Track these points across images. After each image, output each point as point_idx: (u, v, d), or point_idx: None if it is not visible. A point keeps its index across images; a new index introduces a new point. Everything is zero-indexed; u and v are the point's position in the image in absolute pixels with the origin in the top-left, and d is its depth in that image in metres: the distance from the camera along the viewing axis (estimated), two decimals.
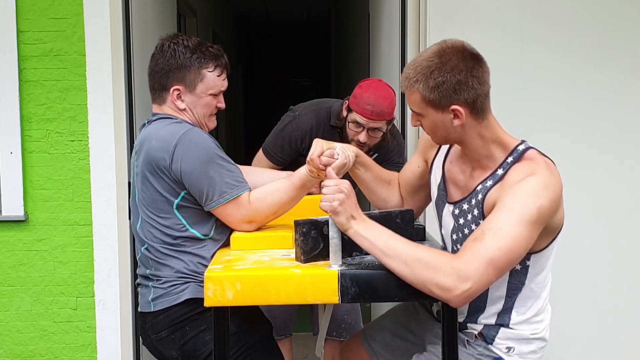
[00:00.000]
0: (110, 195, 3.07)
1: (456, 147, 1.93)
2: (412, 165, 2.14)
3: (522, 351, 1.86)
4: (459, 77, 1.71)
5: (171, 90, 2.09)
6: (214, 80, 2.11)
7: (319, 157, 1.95)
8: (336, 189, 1.71)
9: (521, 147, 1.79)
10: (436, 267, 1.63)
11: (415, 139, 3.14)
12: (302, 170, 2.03)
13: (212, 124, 2.18)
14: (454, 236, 1.88)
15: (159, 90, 2.12)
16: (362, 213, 1.75)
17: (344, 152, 1.98)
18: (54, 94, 3.06)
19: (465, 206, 1.84)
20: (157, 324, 2.03)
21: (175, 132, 2.00)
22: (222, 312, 1.74)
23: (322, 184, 1.79)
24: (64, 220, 3.10)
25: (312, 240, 1.78)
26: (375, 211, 1.92)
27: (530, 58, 3.04)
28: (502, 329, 1.86)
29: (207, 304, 1.71)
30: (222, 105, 2.17)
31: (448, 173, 1.94)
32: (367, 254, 1.79)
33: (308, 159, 1.97)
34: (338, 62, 9.30)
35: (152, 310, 2.05)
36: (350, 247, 1.78)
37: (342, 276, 1.69)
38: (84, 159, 3.08)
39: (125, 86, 3.10)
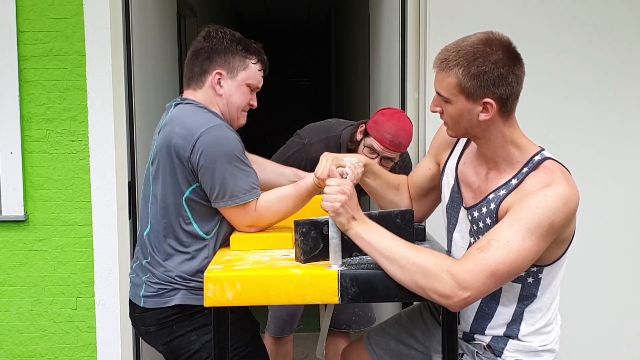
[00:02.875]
0: (110, 195, 3.07)
1: (471, 149, 1.90)
2: (423, 167, 2.11)
3: None
4: (501, 71, 1.67)
5: (213, 73, 2.08)
6: (255, 72, 2.12)
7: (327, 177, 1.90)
8: (338, 190, 1.70)
9: (537, 158, 1.75)
10: (436, 275, 1.62)
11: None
12: (309, 180, 2.02)
13: (243, 119, 2.17)
14: (472, 239, 1.85)
15: (198, 73, 2.09)
16: (363, 214, 1.75)
17: (353, 171, 1.91)
18: (54, 94, 3.06)
19: (476, 214, 1.81)
20: (146, 318, 2.05)
21: (201, 124, 1.97)
22: (222, 313, 1.74)
23: (326, 182, 1.78)
24: (64, 220, 3.10)
25: (312, 241, 1.78)
26: (375, 211, 1.92)
27: (530, 59, 3.00)
28: (511, 341, 1.84)
29: (206, 304, 1.71)
30: (255, 103, 2.17)
31: (461, 175, 1.90)
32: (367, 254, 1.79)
33: (316, 175, 1.96)
34: (338, 62, 9.29)
35: (141, 305, 2.06)
36: (350, 247, 1.78)
37: (342, 276, 1.69)
38: (84, 159, 3.08)
39: (125, 86, 3.10)
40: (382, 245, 1.68)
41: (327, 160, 1.93)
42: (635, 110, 3.09)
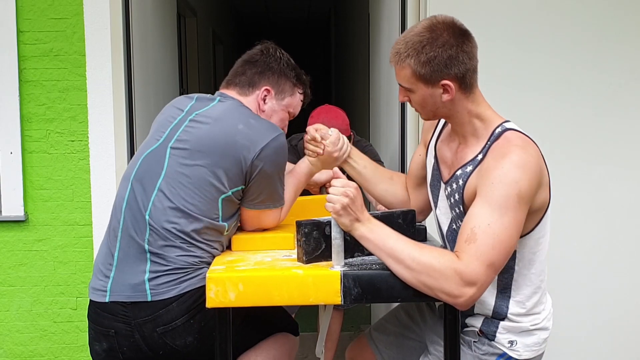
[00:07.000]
0: (110, 195, 3.06)
1: (447, 127, 1.95)
2: (416, 155, 2.15)
3: (526, 343, 1.86)
4: (450, 52, 1.72)
5: (262, 88, 2.06)
6: (297, 102, 2.13)
7: (315, 130, 2.06)
8: (342, 192, 1.70)
9: (498, 130, 1.79)
10: (442, 272, 1.63)
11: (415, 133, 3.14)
12: (302, 164, 2.06)
13: None
14: (453, 212, 1.88)
15: (247, 83, 2.07)
16: (368, 213, 1.74)
17: (338, 133, 2.08)
18: (54, 94, 3.06)
19: (449, 189, 1.86)
20: (168, 312, 1.84)
21: (270, 130, 1.94)
22: (225, 313, 1.74)
23: (330, 182, 1.78)
24: (64, 220, 3.10)
25: (314, 241, 1.77)
26: (377, 211, 1.92)
27: (529, 59, 3.04)
28: (502, 323, 1.85)
29: (209, 305, 1.70)
30: (286, 130, 2.16)
31: (439, 152, 1.96)
32: (369, 254, 1.79)
33: (306, 136, 2.08)
34: (338, 62, 9.30)
35: (150, 299, 1.84)
36: (352, 248, 1.77)
37: (345, 277, 1.69)
38: (84, 159, 3.07)
39: (125, 86, 3.10)
40: (387, 245, 1.68)
41: (313, 129, 2.09)
42: (635, 112, 3.09)
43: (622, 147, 3.09)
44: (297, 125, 2.29)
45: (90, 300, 1.94)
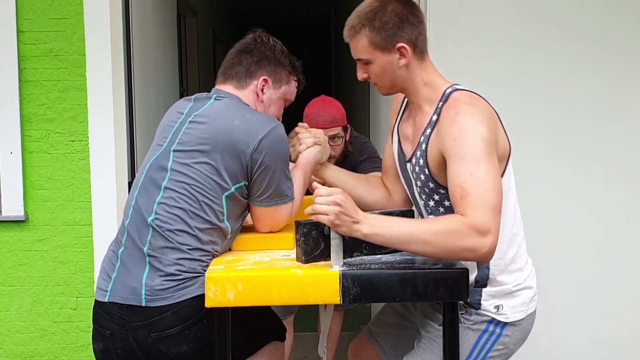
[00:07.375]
0: (110, 195, 3.07)
1: (408, 108, 2.00)
2: (386, 147, 2.17)
3: (512, 305, 1.87)
4: (400, 16, 1.83)
5: (260, 78, 2.04)
6: (293, 90, 2.13)
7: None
8: (330, 200, 1.69)
9: (448, 90, 1.86)
10: (458, 232, 1.65)
11: None
12: (306, 153, 2.11)
13: None
14: (419, 182, 1.90)
15: (243, 74, 2.04)
16: (362, 213, 1.74)
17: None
18: (54, 94, 3.06)
19: (414, 159, 1.90)
20: (162, 321, 1.82)
21: (266, 122, 1.93)
22: (224, 313, 1.74)
23: (314, 193, 1.76)
24: (64, 220, 3.10)
25: (313, 241, 1.77)
26: (376, 211, 1.92)
27: (529, 59, 3.04)
28: (484, 290, 1.87)
29: (208, 304, 1.70)
30: (281, 118, 2.15)
31: (400, 132, 2.01)
32: (368, 254, 1.79)
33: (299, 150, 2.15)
34: (338, 62, 9.30)
35: (144, 305, 1.82)
36: (351, 248, 1.78)
37: (344, 276, 1.69)
38: (84, 159, 3.08)
39: (125, 86, 3.10)
40: (395, 230, 1.70)
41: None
42: (635, 113, 3.09)
43: (622, 147, 3.09)
44: (293, 118, 2.29)
45: (95, 299, 1.96)
